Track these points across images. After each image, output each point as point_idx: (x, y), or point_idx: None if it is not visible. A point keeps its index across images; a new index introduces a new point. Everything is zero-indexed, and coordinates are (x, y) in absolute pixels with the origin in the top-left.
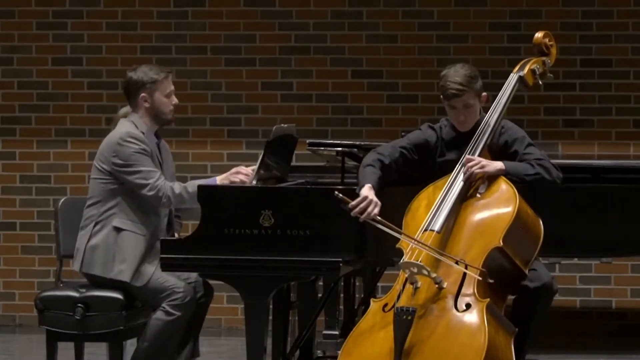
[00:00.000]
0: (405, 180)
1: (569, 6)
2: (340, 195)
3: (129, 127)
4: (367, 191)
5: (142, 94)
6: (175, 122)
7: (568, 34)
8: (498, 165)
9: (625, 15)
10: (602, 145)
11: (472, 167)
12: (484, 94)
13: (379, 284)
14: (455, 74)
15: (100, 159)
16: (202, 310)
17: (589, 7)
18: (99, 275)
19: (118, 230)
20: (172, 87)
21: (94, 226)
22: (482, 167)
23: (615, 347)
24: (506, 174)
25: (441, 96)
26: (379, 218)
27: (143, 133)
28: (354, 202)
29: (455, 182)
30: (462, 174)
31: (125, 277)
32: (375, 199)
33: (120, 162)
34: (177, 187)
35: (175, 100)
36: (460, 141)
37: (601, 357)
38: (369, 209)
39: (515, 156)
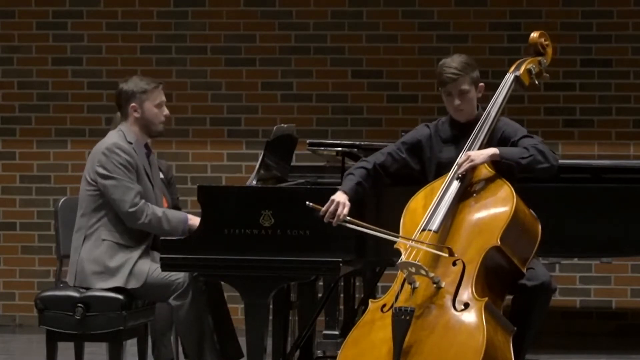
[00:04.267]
0: (403, 180)
1: (569, 6)
2: (311, 204)
3: (116, 137)
4: (336, 195)
5: (133, 104)
6: (174, 122)
7: (568, 34)
8: (490, 151)
9: (625, 15)
10: (602, 145)
11: (462, 165)
12: (481, 84)
13: (379, 284)
14: (451, 60)
15: (88, 169)
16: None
17: (589, 7)
18: (94, 288)
19: (106, 243)
20: (163, 98)
21: (84, 240)
22: (472, 161)
23: (615, 347)
24: (501, 158)
25: (439, 88)
26: (349, 218)
27: (131, 143)
28: (324, 208)
29: (453, 182)
30: (457, 177)
31: (120, 284)
32: (343, 200)
33: (103, 172)
34: (160, 211)
35: (166, 111)
36: (458, 138)
37: (601, 357)
38: (338, 211)
39: (515, 144)
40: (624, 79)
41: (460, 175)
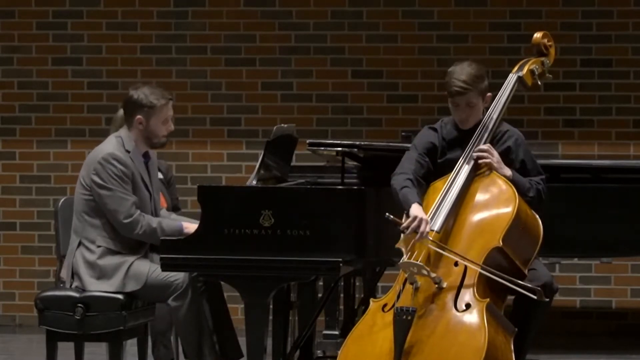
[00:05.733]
0: None
1: (569, 6)
2: (392, 217)
3: (114, 145)
4: (416, 210)
5: (138, 116)
6: (174, 122)
7: (568, 34)
8: (507, 172)
9: (625, 15)
10: (602, 145)
11: (487, 156)
12: (489, 94)
13: (379, 284)
14: (462, 71)
15: (83, 174)
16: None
17: (589, 7)
18: (95, 290)
19: (101, 249)
20: (171, 113)
21: (79, 244)
22: (498, 162)
23: (615, 347)
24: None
25: (447, 96)
26: (431, 239)
27: (128, 151)
28: (405, 224)
29: (455, 182)
30: (472, 160)
31: (115, 288)
32: (425, 216)
33: (98, 181)
34: (154, 221)
35: (171, 127)
36: (461, 140)
37: (601, 357)
38: (422, 228)
39: (513, 162)
40: (624, 79)
41: (474, 159)
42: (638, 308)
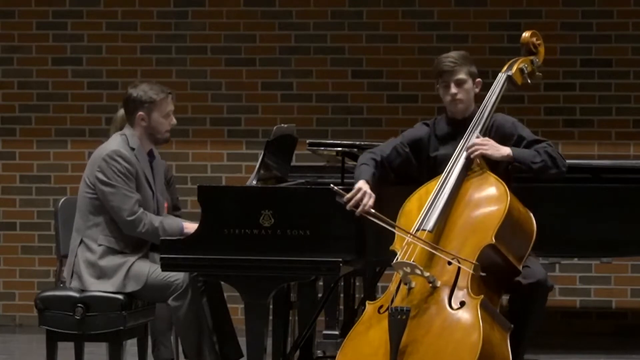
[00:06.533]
0: (402, 179)
1: (569, 6)
2: (336, 188)
3: (119, 143)
4: (361, 184)
5: (140, 113)
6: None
7: (568, 34)
8: (505, 150)
9: (625, 15)
10: (602, 145)
11: (478, 147)
12: (479, 79)
13: (379, 284)
14: (448, 54)
15: (87, 173)
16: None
17: (589, 7)
18: (95, 290)
19: (102, 247)
20: (172, 108)
21: (80, 242)
22: (492, 147)
23: (615, 347)
24: (513, 160)
25: (436, 83)
26: (373, 211)
27: (133, 149)
28: (349, 195)
29: (447, 182)
30: (465, 153)
31: (115, 288)
32: (369, 191)
33: (103, 178)
34: (157, 220)
35: (173, 120)
36: (453, 137)
37: (601, 357)
38: (364, 201)
39: (516, 143)
40: (624, 79)
41: (467, 151)
42: (638, 308)
